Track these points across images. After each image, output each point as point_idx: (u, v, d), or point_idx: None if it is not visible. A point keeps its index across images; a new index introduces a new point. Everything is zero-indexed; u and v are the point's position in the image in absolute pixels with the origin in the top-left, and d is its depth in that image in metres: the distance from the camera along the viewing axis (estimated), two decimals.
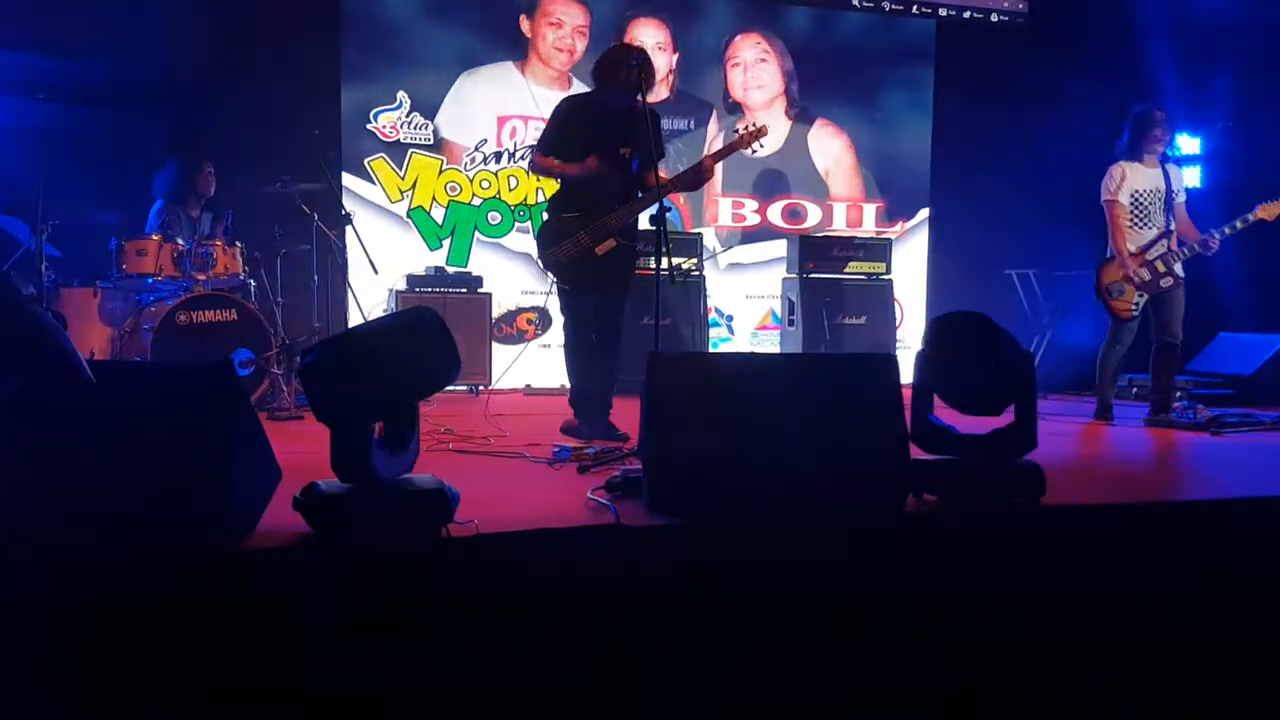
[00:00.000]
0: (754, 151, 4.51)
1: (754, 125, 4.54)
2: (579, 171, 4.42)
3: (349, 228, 5.95)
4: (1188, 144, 8.03)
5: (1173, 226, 5.50)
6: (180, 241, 5.50)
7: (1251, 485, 3.79)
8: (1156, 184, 5.51)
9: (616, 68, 4.36)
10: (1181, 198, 5.58)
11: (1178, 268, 5.47)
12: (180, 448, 2.38)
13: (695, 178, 4.50)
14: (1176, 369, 5.69)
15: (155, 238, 5.51)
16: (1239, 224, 5.40)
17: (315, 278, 5.87)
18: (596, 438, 4.35)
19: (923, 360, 3.32)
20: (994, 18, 8.43)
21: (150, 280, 5.51)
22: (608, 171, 4.41)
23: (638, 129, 4.30)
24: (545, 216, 4.63)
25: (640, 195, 4.48)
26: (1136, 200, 5.51)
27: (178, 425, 2.41)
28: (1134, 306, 5.51)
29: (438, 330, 2.72)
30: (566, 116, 4.56)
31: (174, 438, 2.39)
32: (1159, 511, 3.28)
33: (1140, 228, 5.52)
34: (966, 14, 8.39)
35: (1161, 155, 5.57)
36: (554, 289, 4.60)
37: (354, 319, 6.14)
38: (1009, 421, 3.19)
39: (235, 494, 2.44)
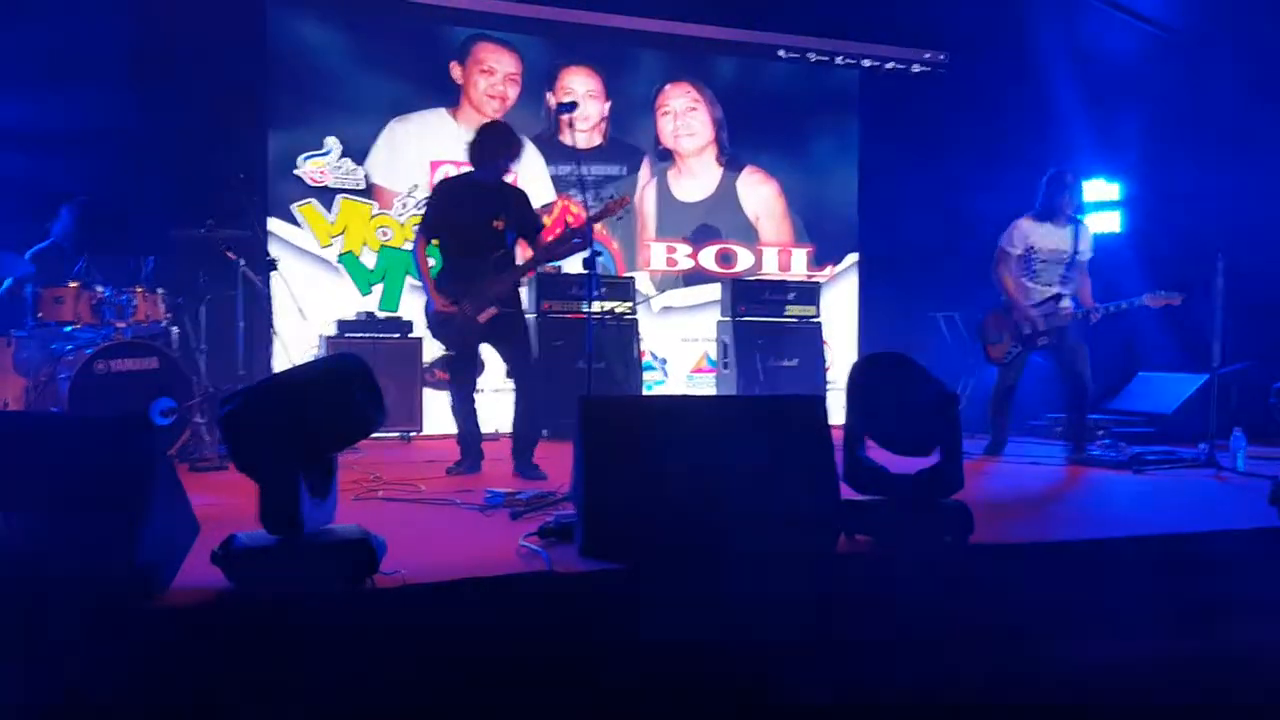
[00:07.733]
0: (620, 218, 5.15)
1: (616, 197, 4.97)
2: (433, 298, 4.74)
3: (274, 273, 5.85)
4: (1106, 190, 8.27)
5: (1069, 288, 5.66)
6: (100, 289, 5.34)
7: (1173, 522, 3.87)
8: (1061, 244, 5.67)
9: (486, 146, 4.74)
10: (1086, 256, 5.74)
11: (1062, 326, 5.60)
12: (91, 502, 2.28)
13: (564, 246, 4.79)
14: (1088, 408, 5.81)
15: (74, 285, 5.35)
16: (1124, 305, 5.57)
17: (241, 324, 5.74)
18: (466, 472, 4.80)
19: (850, 400, 3.35)
20: (915, 68, 8.68)
21: (68, 328, 5.34)
22: (481, 247, 4.73)
23: (511, 204, 4.81)
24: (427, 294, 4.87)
25: (518, 264, 4.84)
26: (1031, 257, 5.67)
27: (88, 478, 2.32)
28: (1006, 355, 5.79)
29: (362, 378, 2.67)
30: (443, 198, 4.90)
31: (85, 491, 2.29)
32: (1084, 549, 3.32)
33: (1031, 282, 5.68)
34: (889, 64, 8.63)
35: (1071, 216, 5.73)
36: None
37: (280, 366, 6.02)
38: (936, 461, 3.23)
39: (148, 549, 2.35)
